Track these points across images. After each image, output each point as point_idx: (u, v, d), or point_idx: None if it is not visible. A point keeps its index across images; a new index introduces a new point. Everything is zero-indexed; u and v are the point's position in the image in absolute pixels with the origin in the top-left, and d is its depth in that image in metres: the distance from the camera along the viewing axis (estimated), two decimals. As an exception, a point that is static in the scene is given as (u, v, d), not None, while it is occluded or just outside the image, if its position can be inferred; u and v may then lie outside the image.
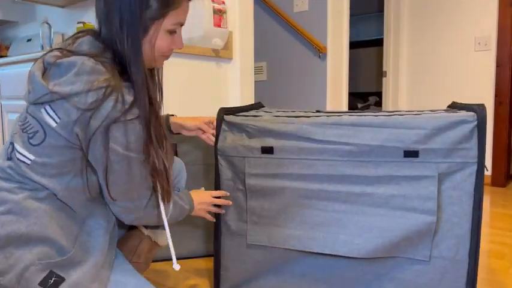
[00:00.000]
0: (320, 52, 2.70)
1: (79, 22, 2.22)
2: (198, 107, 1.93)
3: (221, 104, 1.99)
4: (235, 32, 2.06)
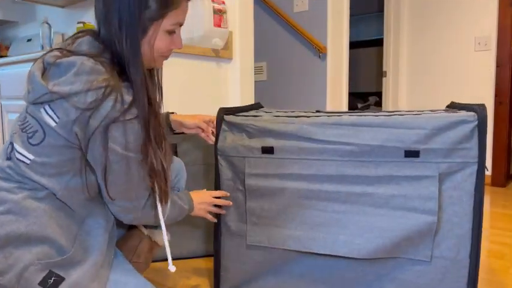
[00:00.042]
0: (320, 52, 2.70)
1: (79, 22, 2.22)
2: (198, 107, 1.94)
3: (221, 104, 1.99)
4: (235, 32, 2.06)
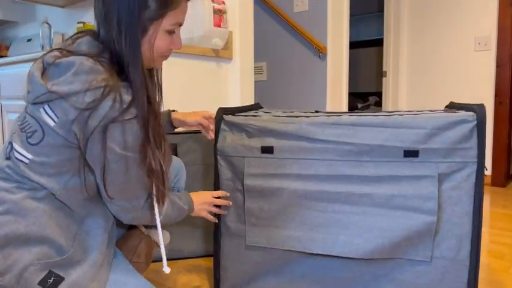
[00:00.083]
0: (320, 52, 2.70)
1: (79, 22, 2.22)
2: (198, 107, 1.94)
3: (221, 104, 1.99)
4: (235, 32, 2.05)
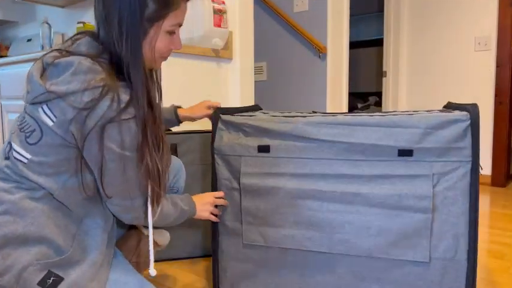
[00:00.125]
0: (320, 52, 2.70)
1: (79, 22, 2.22)
2: (198, 107, 1.93)
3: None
4: (235, 32, 2.06)
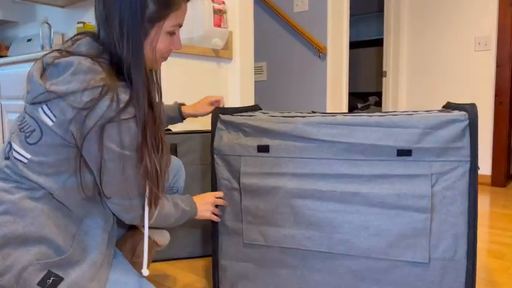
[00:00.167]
0: (320, 52, 2.70)
1: (79, 22, 2.22)
2: (198, 107, 1.93)
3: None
4: (235, 32, 2.06)
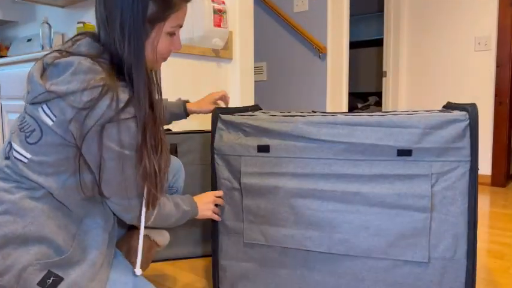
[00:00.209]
0: (320, 52, 2.70)
1: (79, 22, 2.22)
2: (198, 107, 1.93)
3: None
4: (235, 32, 2.06)
